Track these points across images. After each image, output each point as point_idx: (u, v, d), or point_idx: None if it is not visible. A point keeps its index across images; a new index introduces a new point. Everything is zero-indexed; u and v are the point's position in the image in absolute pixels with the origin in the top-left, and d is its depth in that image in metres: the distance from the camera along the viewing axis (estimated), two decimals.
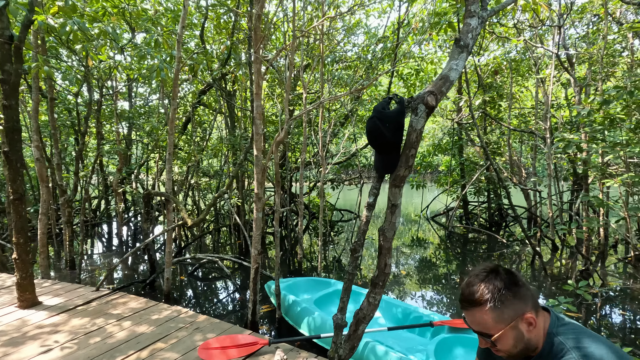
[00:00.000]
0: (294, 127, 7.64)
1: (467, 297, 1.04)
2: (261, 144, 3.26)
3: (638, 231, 7.76)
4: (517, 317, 1.00)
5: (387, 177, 1.51)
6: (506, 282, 1.01)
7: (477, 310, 1.02)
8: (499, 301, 0.99)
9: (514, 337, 1.01)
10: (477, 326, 1.04)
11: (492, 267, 1.06)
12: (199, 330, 2.98)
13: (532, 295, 1.05)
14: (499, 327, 1.00)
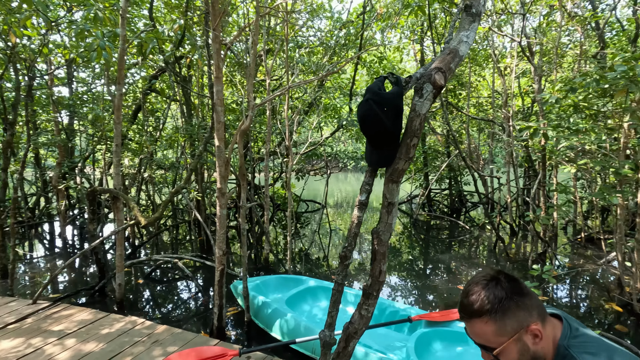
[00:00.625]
0: (256, 115, 7.25)
1: (466, 307, 0.93)
2: (223, 134, 2.94)
3: (586, 213, 8.35)
4: (521, 329, 0.90)
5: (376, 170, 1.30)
6: (508, 291, 0.91)
7: (477, 322, 0.91)
8: (500, 312, 0.89)
9: (518, 351, 0.90)
10: (477, 338, 0.94)
11: (493, 275, 0.95)
12: (158, 344, 2.66)
13: (539, 303, 0.93)
14: (501, 340, 0.90)
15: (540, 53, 7.50)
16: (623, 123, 3.88)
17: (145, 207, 8.94)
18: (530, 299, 0.92)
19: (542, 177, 5.96)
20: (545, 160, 5.69)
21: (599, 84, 2.98)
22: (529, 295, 0.93)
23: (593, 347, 0.89)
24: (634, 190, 4.56)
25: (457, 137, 9.61)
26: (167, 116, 7.05)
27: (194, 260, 5.16)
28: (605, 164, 3.30)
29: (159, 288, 4.55)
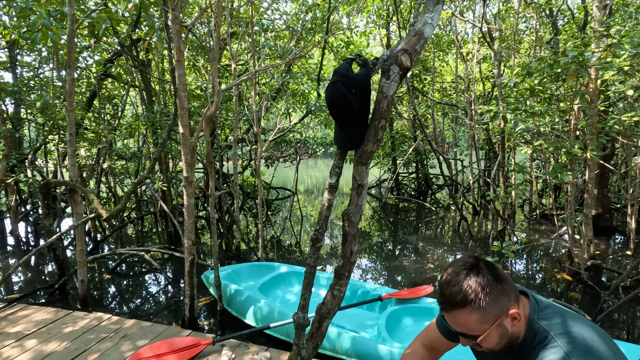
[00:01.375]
0: (222, 101, 7.03)
1: (449, 298, 0.94)
2: (187, 120, 2.83)
3: (541, 192, 8.92)
4: (502, 314, 0.93)
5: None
6: (489, 279, 0.93)
7: (460, 312, 0.92)
8: (484, 300, 0.91)
9: (499, 335, 0.94)
10: (460, 328, 0.95)
11: (472, 262, 0.96)
12: (127, 339, 2.58)
13: (514, 286, 0.97)
14: (484, 328, 0.93)
15: (499, 39, 7.78)
16: (573, 106, 4.14)
17: (106, 199, 8.52)
18: (507, 283, 0.95)
19: (501, 159, 6.27)
20: (504, 143, 5.98)
21: (552, 69, 3.14)
22: (506, 280, 0.96)
23: (559, 316, 0.95)
24: (582, 169, 4.91)
25: (423, 122, 9.84)
26: (125, 103, 6.67)
27: (162, 252, 5.01)
28: (558, 144, 3.52)
29: (126, 283, 4.39)
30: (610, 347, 0.88)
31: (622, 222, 6.55)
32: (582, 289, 3.90)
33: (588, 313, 3.16)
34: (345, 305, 2.93)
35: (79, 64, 6.81)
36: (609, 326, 3.20)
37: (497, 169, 6.78)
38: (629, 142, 4.54)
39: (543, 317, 0.95)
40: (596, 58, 3.09)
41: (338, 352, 2.51)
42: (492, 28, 5.92)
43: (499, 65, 5.52)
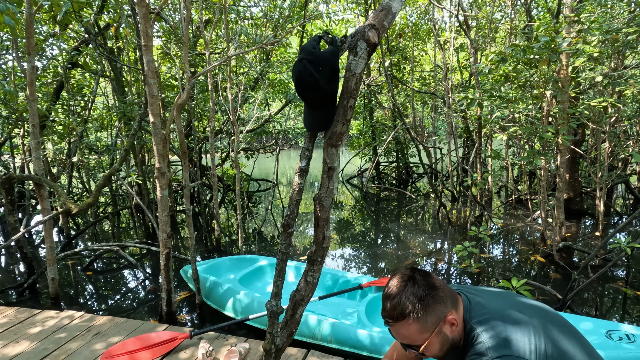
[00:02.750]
0: (198, 91, 6.83)
1: (389, 312, 0.97)
2: (158, 109, 2.72)
3: (516, 178, 9.15)
4: (440, 321, 0.96)
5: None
6: (425, 288, 0.96)
7: (401, 325, 0.96)
8: (421, 311, 0.94)
9: (440, 342, 0.98)
10: (404, 339, 0.99)
11: (408, 275, 1.00)
12: (100, 336, 2.49)
13: (450, 292, 1.01)
14: (425, 337, 0.96)
15: (476, 27, 7.85)
16: (546, 92, 4.23)
17: (79, 195, 8.21)
18: (443, 291, 0.99)
19: (478, 146, 6.39)
20: (481, 130, 6.09)
21: (525, 54, 3.18)
22: (442, 287, 0.99)
23: (483, 311, 0.98)
24: (554, 155, 5.06)
25: (402, 111, 9.90)
26: (95, 94, 6.38)
27: (139, 247, 4.88)
28: (531, 129, 3.59)
29: (102, 280, 4.25)
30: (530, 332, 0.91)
31: (591, 206, 6.82)
32: (554, 270, 4.04)
33: (559, 292, 3.28)
34: (325, 295, 2.92)
35: (44, 53, 6.45)
36: (580, 303, 3.33)
37: (475, 157, 6.91)
38: (597, 127, 4.69)
39: (473, 315, 0.98)
40: (567, 43, 3.15)
41: (318, 339, 2.50)
42: (468, 16, 5.96)
43: (475, 53, 5.57)
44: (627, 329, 2.08)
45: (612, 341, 1.99)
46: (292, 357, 2.20)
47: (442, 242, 5.31)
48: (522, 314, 0.96)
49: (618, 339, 1.99)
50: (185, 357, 2.24)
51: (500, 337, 0.90)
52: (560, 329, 0.95)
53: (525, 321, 0.94)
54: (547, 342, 0.90)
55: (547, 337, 0.91)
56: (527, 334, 0.90)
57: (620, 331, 2.06)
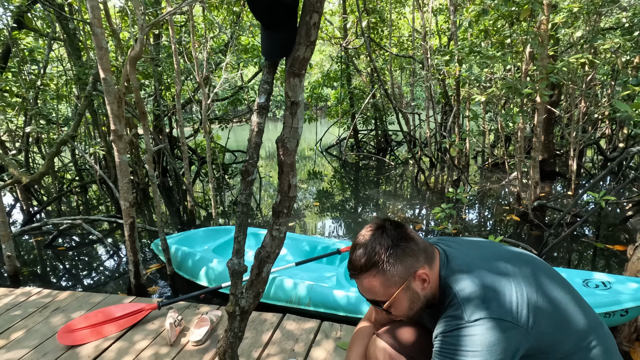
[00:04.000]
0: (164, 55, 6.35)
1: (354, 263, 0.88)
2: (108, 63, 2.43)
3: (493, 143, 9.25)
4: (409, 276, 0.86)
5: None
6: (394, 239, 0.86)
7: (365, 277, 0.86)
8: (387, 263, 0.84)
9: (408, 299, 0.88)
10: (368, 294, 0.89)
11: (378, 224, 0.90)
12: (59, 312, 2.32)
13: (425, 247, 0.90)
14: (391, 292, 0.86)
15: None
16: (525, 50, 4.13)
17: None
18: (416, 244, 0.88)
19: (456, 111, 6.32)
20: (459, 93, 5.99)
21: (506, 4, 3.03)
22: (414, 240, 0.88)
23: (460, 267, 0.88)
24: (531, 117, 5.04)
25: (381, 77, 9.68)
26: (48, 59, 5.80)
27: (106, 221, 4.63)
28: (510, 85, 3.49)
29: (68, 256, 4.01)
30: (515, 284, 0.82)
31: (564, 168, 6.98)
32: (529, 227, 4.11)
33: (535, 248, 3.32)
34: (303, 260, 2.83)
35: None
36: (554, 258, 3.39)
37: (452, 121, 6.86)
38: (574, 86, 4.68)
39: (450, 271, 0.89)
40: None
41: (295, 303, 2.43)
42: None
43: (454, 11, 5.36)
44: (601, 277, 2.09)
45: (589, 289, 2.00)
46: (267, 322, 2.11)
47: (421, 206, 5.31)
48: (509, 265, 0.87)
49: (594, 287, 2.00)
50: (154, 328, 2.11)
51: (478, 297, 0.80)
52: (550, 278, 0.88)
53: (510, 273, 0.84)
54: (538, 292, 0.82)
55: (539, 287, 0.83)
56: (511, 287, 0.81)
57: (595, 280, 2.07)
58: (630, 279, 2.01)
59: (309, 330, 2.01)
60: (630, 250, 2.11)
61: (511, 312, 0.78)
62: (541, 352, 0.81)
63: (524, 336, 0.77)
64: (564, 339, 0.82)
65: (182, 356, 1.84)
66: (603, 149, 6.94)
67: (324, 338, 1.94)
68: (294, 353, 1.83)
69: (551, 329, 0.80)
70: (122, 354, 1.89)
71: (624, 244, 3.53)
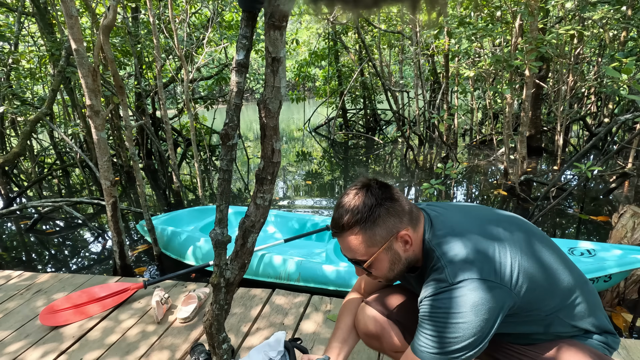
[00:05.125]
0: (143, 31, 6.06)
1: (337, 220, 0.86)
2: (79, 33, 2.27)
3: (481, 121, 9.27)
4: (391, 236, 0.84)
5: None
6: (378, 197, 0.84)
7: (347, 235, 0.86)
8: (370, 221, 0.84)
9: (389, 260, 0.86)
10: (349, 253, 0.88)
11: (364, 182, 0.87)
12: (41, 294, 2.25)
13: (410, 209, 0.87)
14: (372, 251, 0.85)
15: None
16: (515, 22, 4.06)
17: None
18: (400, 205, 0.85)
19: (445, 87, 6.27)
20: (447, 69, 5.92)
21: None
22: (399, 201, 0.86)
23: (445, 231, 0.86)
24: (519, 92, 5.03)
25: (371, 54, 9.51)
26: (19, 35, 5.48)
27: (89, 203, 4.50)
28: (499, 58, 3.45)
29: (49, 239, 3.91)
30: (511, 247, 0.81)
31: (551, 143, 7.06)
32: (516, 202, 4.16)
33: None
34: (292, 237, 2.80)
35: None
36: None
37: (441, 99, 6.82)
38: (562, 59, 4.66)
39: (435, 235, 0.87)
40: None
41: (284, 279, 2.41)
42: None
43: None
44: (586, 245, 2.12)
45: (575, 257, 2.03)
46: (256, 297, 2.09)
47: (410, 184, 5.32)
48: (498, 228, 0.85)
49: (580, 255, 2.03)
50: (140, 307, 2.07)
51: (461, 259, 0.79)
52: (539, 239, 0.87)
53: (497, 235, 0.83)
54: (525, 253, 0.81)
55: (527, 248, 0.82)
56: (494, 248, 0.80)
57: (580, 248, 2.10)
58: (614, 246, 2.05)
59: (298, 304, 2.00)
60: (615, 219, 2.14)
61: (494, 272, 0.77)
62: (525, 310, 0.81)
63: (507, 295, 0.77)
64: (548, 298, 0.82)
65: (170, 333, 1.81)
66: (589, 125, 7.02)
67: (314, 311, 1.93)
68: (283, 326, 1.82)
69: (537, 289, 0.80)
70: (108, 332, 1.85)
71: (607, 215, 3.60)
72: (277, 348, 1.30)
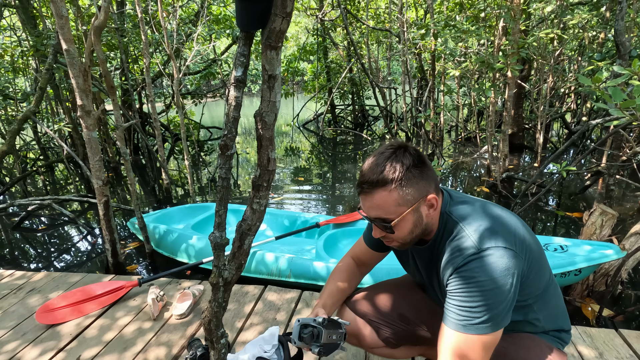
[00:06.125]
0: (129, 25, 5.98)
1: (370, 177, 0.88)
2: (70, 33, 2.28)
3: (466, 118, 9.47)
4: (421, 198, 0.89)
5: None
6: (415, 159, 0.88)
7: (380, 191, 0.87)
8: (405, 180, 0.86)
9: (413, 222, 0.90)
10: (376, 210, 0.90)
11: (400, 144, 0.91)
12: (35, 292, 2.28)
13: (436, 176, 0.93)
14: (400, 211, 0.88)
15: None
16: (498, 25, 4.18)
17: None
18: (431, 171, 0.91)
19: (431, 85, 6.39)
20: (434, 67, 6.04)
21: None
22: (430, 167, 0.91)
23: (468, 207, 0.93)
24: (502, 91, 5.18)
25: (358, 50, 9.56)
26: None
27: (77, 201, 4.48)
28: (483, 60, 3.56)
29: (38, 238, 3.89)
30: (521, 228, 0.89)
31: (532, 141, 7.29)
32: (497, 198, 4.33)
33: None
34: (283, 234, 2.88)
35: None
36: None
37: (428, 96, 6.94)
38: (543, 61, 4.82)
39: (455, 210, 0.93)
40: None
41: (276, 275, 2.49)
42: None
43: None
44: (559, 241, 2.27)
45: (549, 252, 2.17)
46: (249, 294, 2.17)
47: None
48: (502, 211, 0.94)
49: (553, 250, 2.17)
50: (135, 304, 2.12)
51: (485, 228, 0.85)
52: (531, 233, 0.95)
53: (507, 217, 0.91)
54: (527, 237, 0.89)
55: (528, 232, 0.91)
56: (510, 225, 0.88)
57: (554, 244, 2.24)
58: (584, 242, 2.20)
59: (290, 300, 2.09)
60: (586, 216, 2.29)
61: (515, 244, 0.84)
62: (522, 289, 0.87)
63: (523, 266, 0.84)
64: (537, 284, 0.90)
65: (166, 329, 1.88)
66: (568, 123, 7.28)
67: (305, 306, 2.02)
68: (276, 322, 1.91)
69: (534, 271, 0.88)
70: (105, 330, 1.90)
71: (582, 211, 3.80)
72: (272, 342, 1.39)
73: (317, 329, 1.00)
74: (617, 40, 2.74)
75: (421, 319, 1.18)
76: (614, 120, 2.13)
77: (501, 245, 0.82)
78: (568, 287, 2.34)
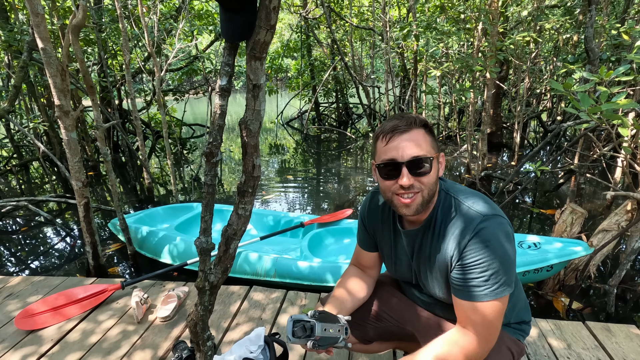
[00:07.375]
0: (107, 20, 5.82)
1: (406, 118, 0.95)
2: (46, 31, 2.22)
3: (447, 116, 9.65)
4: (439, 152, 0.99)
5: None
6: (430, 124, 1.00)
7: (418, 131, 0.94)
8: (431, 130, 0.98)
9: (436, 172, 0.97)
10: (414, 149, 0.91)
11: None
12: (13, 297, 2.23)
13: None
14: (434, 153, 0.95)
15: None
16: (477, 27, 4.30)
17: None
18: None
19: (414, 85, 6.50)
20: (417, 67, 6.14)
21: None
22: None
23: (461, 187, 1.03)
24: (482, 92, 5.32)
25: (342, 49, 9.60)
26: None
27: (54, 201, 4.36)
28: (463, 62, 3.66)
29: (13, 240, 3.77)
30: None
31: (510, 139, 7.52)
32: None
33: None
34: (268, 234, 2.90)
35: None
36: None
37: (410, 95, 7.06)
38: (520, 63, 4.98)
39: (451, 188, 1.02)
40: None
41: (261, 275, 2.52)
42: None
43: None
44: (533, 239, 2.38)
45: (522, 249, 2.28)
46: (234, 294, 2.18)
47: None
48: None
49: (527, 248, 2.28)
50: (119, 307, 2.11)
51: (482, 204, 0.93)
52: None
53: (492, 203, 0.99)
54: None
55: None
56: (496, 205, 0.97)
57: (528, 241, 2.35)
58: (556, 239, 2.31)
59: (275, 299, 2.12)
60: (558, 214, 2.40)
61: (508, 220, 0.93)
62: None
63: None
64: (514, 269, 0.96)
65: (151, 332, 1.88)
66: (544, 122, 7.53)
67: (290, 306, 2.06)
68: (261, 321, 1.93)
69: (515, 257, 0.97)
70: (88, 334, 1.89)
71: (556, 208, 3.97)
72: (258, 342, 1.42)
73: (310, 323, 0.99)
74: (587, 46, 2.87)
75: (394, 316, 1.23)
76: (584, 123, 2.24)
77: (499, 214, 0.91)
78: (541, 282, 2.46)
